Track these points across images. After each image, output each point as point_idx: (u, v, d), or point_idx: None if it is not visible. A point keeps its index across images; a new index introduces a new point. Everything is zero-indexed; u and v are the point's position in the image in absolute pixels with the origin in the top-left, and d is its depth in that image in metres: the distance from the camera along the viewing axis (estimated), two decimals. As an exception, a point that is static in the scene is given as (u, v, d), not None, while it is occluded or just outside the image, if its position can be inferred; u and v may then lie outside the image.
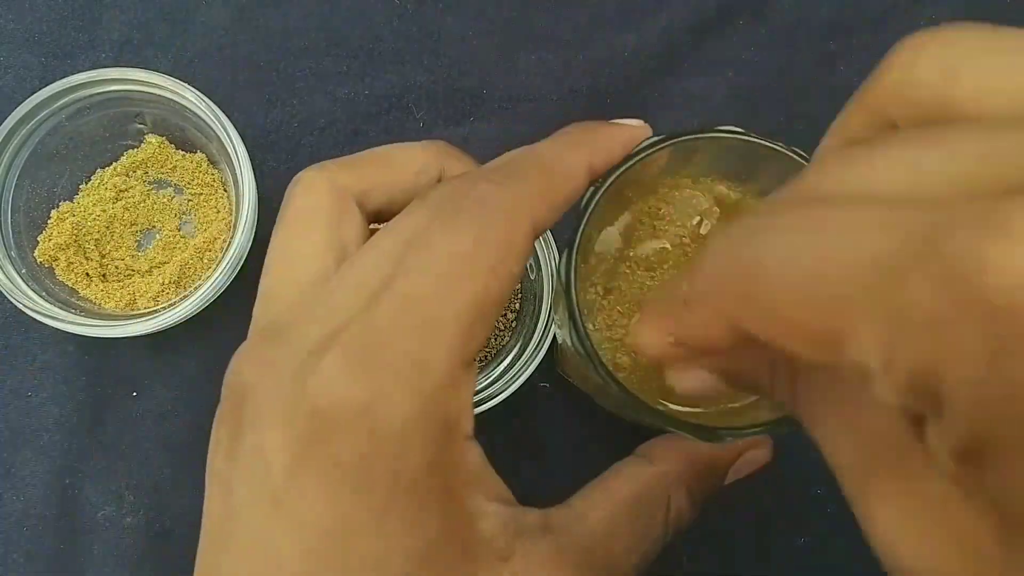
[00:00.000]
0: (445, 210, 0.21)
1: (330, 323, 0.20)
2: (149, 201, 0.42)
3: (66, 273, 0.40)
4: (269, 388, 0.19)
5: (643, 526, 0.25)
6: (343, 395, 0.18)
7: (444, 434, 0.20)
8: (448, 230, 0.20)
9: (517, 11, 0.45)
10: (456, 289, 0.19)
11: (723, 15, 0.44)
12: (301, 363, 0.19)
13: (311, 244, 0.22)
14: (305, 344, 0.20)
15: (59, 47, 0.44)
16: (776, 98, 0.43)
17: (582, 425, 0.40)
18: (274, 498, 0.18)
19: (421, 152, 0.25)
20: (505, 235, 0.20)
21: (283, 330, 0.21)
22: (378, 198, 0.24)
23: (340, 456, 0.18)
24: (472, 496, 0.21)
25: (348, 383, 0.18)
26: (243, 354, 0.21)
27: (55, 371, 0.41)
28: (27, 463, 0.40)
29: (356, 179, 0.24)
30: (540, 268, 0.37)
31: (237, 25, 0.44)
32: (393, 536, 0.19)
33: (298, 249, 0.23)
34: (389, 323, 0.19)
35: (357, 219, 0.24)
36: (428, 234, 0.20)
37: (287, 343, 0.20)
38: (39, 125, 0.39)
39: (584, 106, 0.43)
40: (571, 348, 0.29)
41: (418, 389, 0.19)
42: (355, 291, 0.20)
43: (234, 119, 0.39)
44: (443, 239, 0.20)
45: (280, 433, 0.19)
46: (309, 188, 0.24)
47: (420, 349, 0.19)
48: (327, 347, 0.19)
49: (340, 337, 0.19)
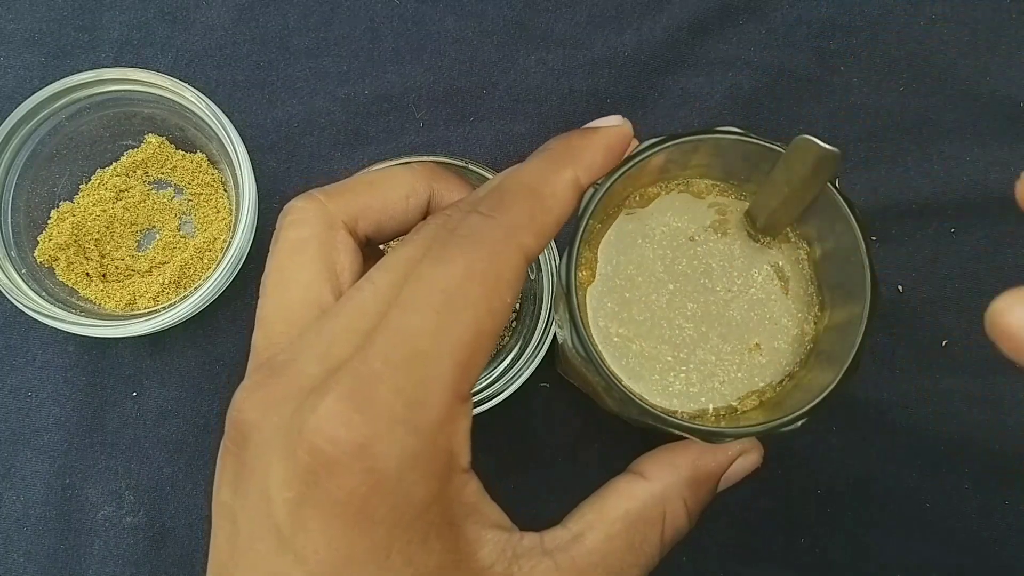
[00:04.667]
0: (436, 245, 0.21)
1: (327, 361, 0.20)
2: (149, 201, 0.42)
3: (66, 273, 0.40)
4: (271, 427, 0.20)
5: (640, 543, 0.25)
6: (341, 435, 0.19)
7: (442, 469, 0.20)
8: (439, 265, 0.20)
9: (517, 11, 0.45)
10: (450, 324, 0.20)
11: (723, 15, 0.44)
12: (301, 402, 0.20)
13: (305, 273, 0.23)
14: (304, 382, 0.20)
15: (59, 47, 0.44)
16: (776, 98, 0.43)
17: (582, 425, 0.40)
18: (278, 534, 0.19)
19: (409, 175, 0.25)
20: (495, 267, 0.21)
21: (283, 368, 0.21)
22: (369, 223, 0.25)
23: (340, 494, 0.19)
24: (471, 526, 0.21)
25: (345, 423, 0.19)
26: (246, 391, 0.22)
27: (55, 371, 0.41)
28: (27, 463, 0.40)
29: (345, 206, 0.24)
30: (540, 268, 0.37)
31: (237, 25, 0.44)
32: (396, 570, 0.19)
33: (292, 279, 0.23)
34: (384, 361, 0.19)
35: (349, 246, 0.24)
36: (420, 269, 0.20)
37: (287, 382, 0.21)
38: (39, 125, 0.39)
39: (584, 106, 0.43)
40: (571, 348, 0.29)
41: (414, 427, 0.19)
42: (351, 328, 0.20)
43: (234, 119, 0.39)
44: (435, 274, 0.20)
45: (282, 472, 0.19)
46: (299, 218, 0.24)
47: (415, 387, 0.19)
48: (325, 387, 0.19)
49: (337, 376, 0.19)
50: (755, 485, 0.40)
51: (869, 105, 0.43)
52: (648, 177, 0.31)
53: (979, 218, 0.42)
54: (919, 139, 0.43)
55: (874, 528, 0.39)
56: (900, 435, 0.40)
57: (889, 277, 0.42)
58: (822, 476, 0.40)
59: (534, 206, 0.22)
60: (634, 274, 0.30)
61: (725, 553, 0.39)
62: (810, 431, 0.40)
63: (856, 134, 0.43)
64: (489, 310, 0.20)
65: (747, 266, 0.30)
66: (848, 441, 0.40)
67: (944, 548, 0.39)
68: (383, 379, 0.19)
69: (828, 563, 0.39)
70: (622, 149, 0.25)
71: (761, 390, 0.30)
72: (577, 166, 0.24)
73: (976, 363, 0.41)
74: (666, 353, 0.30)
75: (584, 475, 0.40)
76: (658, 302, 0.30)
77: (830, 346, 0.29)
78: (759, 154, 0.28)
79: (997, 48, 0.44)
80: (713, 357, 0.30)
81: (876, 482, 0.40)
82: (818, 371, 0.28)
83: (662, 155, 0.28)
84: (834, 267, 0.29)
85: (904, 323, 0.41)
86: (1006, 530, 0.39)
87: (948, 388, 0.40)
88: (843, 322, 0.28)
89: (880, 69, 0.44)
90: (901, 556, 0.39)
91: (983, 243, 0.42)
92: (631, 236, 0.31)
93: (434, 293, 0.20)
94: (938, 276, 0.42)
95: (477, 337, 0.20)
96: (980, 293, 0.41)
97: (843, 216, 0.27)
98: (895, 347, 0.41)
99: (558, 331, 0.33)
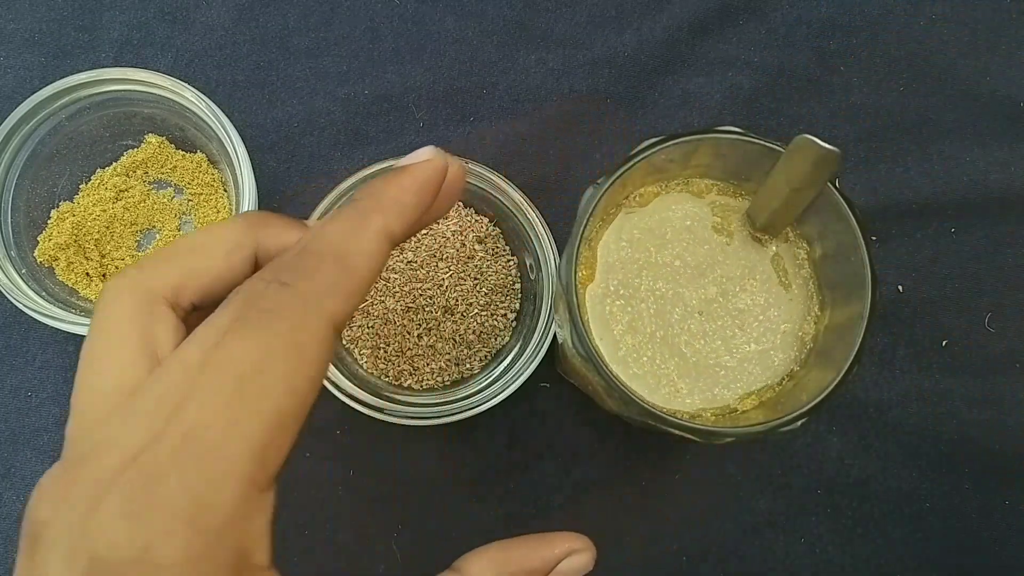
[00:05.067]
0: (238, 320, 0.20)
1: (125, 451, 0.19)
2: (149, 201, 0.42)
3: (66, 273, 0.40)
4: (59, 529, 0.19)
5: None
6: (120, 539, 0.18)
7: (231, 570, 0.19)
8: (236, 344, 0.19)
9: (517, 11, 0.45)
10: (245, 411, 0.19)
11: (723, 15, 0.44)
12: (90, 501, 0.19)
13: (119, 355, 0.21)
14: (100, 475, 0.19)
15: (59, 47, 0.44)
16: (776, 98, 0.43)
17: (582, 425, 0.40)
18: None
19: (230, 231, 0.24)
20: (297, 343, 0.19)
21: (82, 459, 0.20)
22: (192, 291, 0.23)
23: None
24: None
25: (125, 526, 0.18)
26: (43, 486, 0.20)
27: (55, 371, 0.41)
28: (27, 463, 0.40)
29: (163, 277, 0.23)
30: (540, 268, 0.37)
31: (237, 25, 0.44)
32: None
33: (106, 362, 0.21)
34: (171, 457, 0.18)
35: (170, 321, 0.22)
36: (216, 354, 0.19)
37: (83, 476, 0.19)
38: (39, 125, 0.39)
39: (584, 106, 0.43)
40: (571, 348, 0.29)
41: (200, 528, 0.18)
42: (148, 416, 0.19)
43: (234, 119, 0.39)
44: (230, 357, 0.19)
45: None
46: (114, 297, 0.22)
47: (204, 483, 0.18)
48: (111, 485, 0.18)
49: (125, 474, 0.18)
50: (755, 485, 0.40)
51: (869, 105, 0.43)
52: (648, 177, 0.31)
53: (979, 218, 0.42)
54: (919, 139, 0.43)
55: (874, 528, 0.39)
56: (900, 435, 0.40)
57: (889, 277, 0.42)
58: (822, 476, 0.40)
59: (339, 269, 0.21)
60: (634, 274, 0.30)
61: (725, 553, 0.39)
62: (810, 431, 0.41)
63: (856, 134, 0.43)
64: (290, 390, 0.19)
65: (747, 266, 0.30)
66: (848, 441, 0.40)
67: (944, 548, 0.39)
68: (170, 475, 0.18)
69: (828, 563, 0.39)
70: (436, 184, 0.24)
71: (761, 390, 0.30)
72: (387, 214, 0.23)
73: (976, 363, 0.41)
74: (666, 353, 0.30)
75: (584, 475, 0.40)
76: (658, 302, 0.30)
77: (830, 346, 0.29)
78: (759, 154, 0.28)
79: (997, 48, 0.44)
80: (713, 357, 0.30)
81: (876, 482, 0.40)
82: (818, 371, 0.28)
83: (662, 155, 0.28)
84: (834, 267, 0.29)
85: (904, 323, 0.41)
86: (1006, 530, 0.39)
87: (948, 388, 0.40)
88: (843, 322, 0.28)
89: (880, 69, 0.44)
90: (901, 556, 0.39)
91: (983, 243, 0.42)
92: (631, 236, 0.31)
93: (227, 379, 0.19)
94: (938, 276, 0.42)
95: (276, 422, 0.19)
96: (980, 293, 0.41)
97: (843, 216, 0.27)
98: (895, 347, 0.41)
99: (558, 331, 0.33)
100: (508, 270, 0.40)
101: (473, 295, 0.39)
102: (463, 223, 0.40)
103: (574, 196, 0.29)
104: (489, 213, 0.40)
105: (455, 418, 0.36)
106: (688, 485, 0.40)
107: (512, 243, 0.40)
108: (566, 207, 0.41)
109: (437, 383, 0.39)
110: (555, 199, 0.42)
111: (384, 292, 0.39)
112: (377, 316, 0.39)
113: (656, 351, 0.30)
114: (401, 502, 0.39)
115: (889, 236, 0.42)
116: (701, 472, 0.40)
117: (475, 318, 0.39)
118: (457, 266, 0.39)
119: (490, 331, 0.39)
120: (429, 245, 0.39)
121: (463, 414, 0.36)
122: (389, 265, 0.39)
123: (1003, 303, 0.41)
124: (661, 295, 0.30)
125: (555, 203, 0.41)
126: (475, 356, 0.39)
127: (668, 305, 0.30)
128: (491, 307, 0.39)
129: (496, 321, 0.39)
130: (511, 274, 0.40)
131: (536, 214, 0.38)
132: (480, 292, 0.39)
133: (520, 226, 0.38)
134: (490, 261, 0.40)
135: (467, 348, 0.39)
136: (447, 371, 0.39)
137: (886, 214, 0.42)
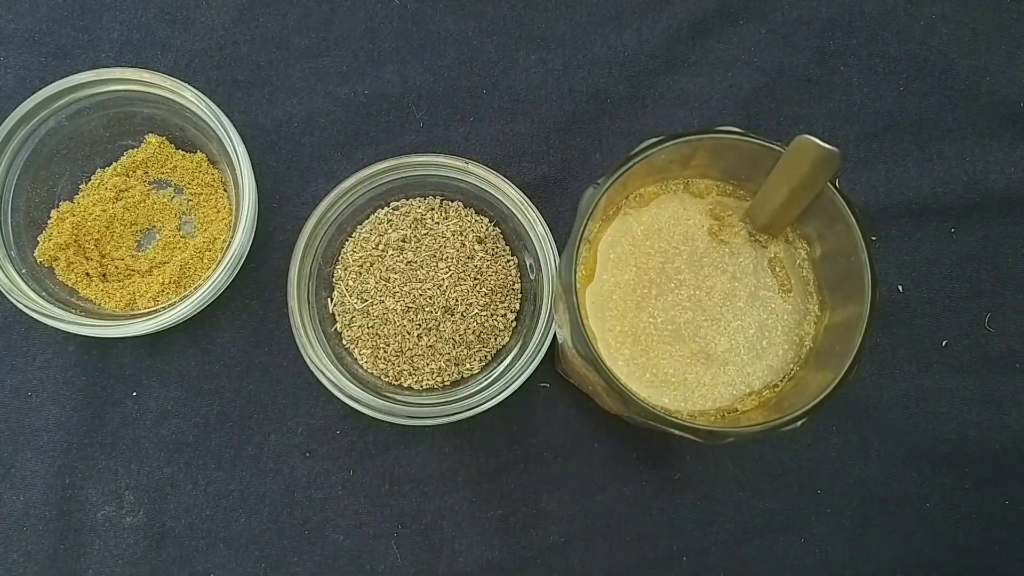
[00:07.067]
0: None
1: None
2: (149, 201, 0.42)
3: (66, 273, 0.40)
4: None
5: None
6: None
7: None
8: None
9: (517, 11, 0.45)
10: None
11: (723, 15, 0.44)
12: None
13: None
14: None
15: (59, 47, 0.44)
16: (776, 98, 0.43)
17: (582, 425, 0.40)
18: None
19: None
20: None
21: None
22: None
23: None
24: None
25: None
26: None
27: (55, 371, 0.41)
28: (27, 463, 0.40)
29: None
30: (540, 268, 0.37)
31: (237, 25, 0.44)
32: None
33: None
34: None
35: None
36: None
37: None
38: (39, 125, 0.39)
39: (584, 106, 0.43)
40: (571, 348, 0.29)
41: None
42: None
43: (234, 119, 0.39)
44: None
45: None
46: None
47: None
48: None
49: None
50: (755, 485, 0.40)
51: (869, 105, 0.43)
52: (648, 177, 0.31)
53: (979, 218, 0.42)
54: (919, 139, 0.43)
55: (874, 528, 0.39)
56: (900, 435, 0.40)
57: (889, 277, 0.42)
58: (822, 476, 0.40)
59: None
60: (634, 273, 0.30)
61: (725, 553, 0.39)
62: (810, 431, 0.41)
63: (856, 134, 0.43)
64: None
65: (747, 266, 0.30)
66: (848, 441, 0.40)
67: (944, 548, 0.39)
68: None
69: (828, 563, 0.39)
70: None
71: (761, 390, 0.30)
72: None
73: (976, 363, 0.41)
74: (666, 352, 0.30)
75: (584, 475, 0.40)
76: (658, 301, 0.30)
77: (830, 346, 0.29)
78: (759, 154, 0.28)
79: (997, 48, 0.44)
80: (712, 356, 0.30)
81: (876, 482, 0.40)
82: (818, 371, 0.28)
83: (662, 155, 0.28)
84: (834, 267, 0.29)
85: (904, 323, 0.41)
86: (1006, 530, 0.39)
87: (948, 388, 0.40)
88: (843, 322, 0.28)
89: (880, 69, 0.44)
90: (901, 556, 0.39)
91: (983, 243, 0.42)
92: (631, 236, 0.31)
93: None
94: (938, 276, 0.42)
95: None
96: (980, 293, 0.41)
97: (843, 216, 0.27)
98: (895, 347, 0.41)
99: (558, 331, 0.33)
100: (508, 270, 0.40)
101: (473, 295, 0.39)
102: (463, 223, 0.40)
103: (574, 196, 0.29)
104: (489, 213, 0.40)
105: (455, 418, 0.36)
106: (688, 485, 0.40)
107: (512, 243, 0.40)
108: (566, 207, 0.42)
109: (437, 383, 0.39)
110: (555, 199, 0.42)
111: (384, 292, 0.39)
112: (377, 316, 0.39)
113: (656, 351, 0.30)
114: (401, 502, 0.39)
115: (889, 236, 0.42)
116: (701, 472, 0.40)
117: (475, 318, 0.39)
118: (457, 266, 0.39)
119: (490, 331, 0.39)
120: (429, 245, 0.39)
121: (463, 414, 0.36)
122: (389, 265, 0.39)
123: (1003, 303, 0.41)
124: (661, 294, 0.30)
125: (555, 203, 0.41)
126: (475, 356, 0.39)
127: (668, 304, 0.30)
128: (491, 307, 0.39)
129: (496, 321, 0.39)
130: (511, 274, 0.40)
131: (536, 214, 0.38)
132: (480, 292, 0.39)
133: (520, 226, 0.38)
134: (490, 261, 0.40)
135: (467, 348, 0.39)
136: (447, 371, 0.39)
137: (886, 214, 0.42)
